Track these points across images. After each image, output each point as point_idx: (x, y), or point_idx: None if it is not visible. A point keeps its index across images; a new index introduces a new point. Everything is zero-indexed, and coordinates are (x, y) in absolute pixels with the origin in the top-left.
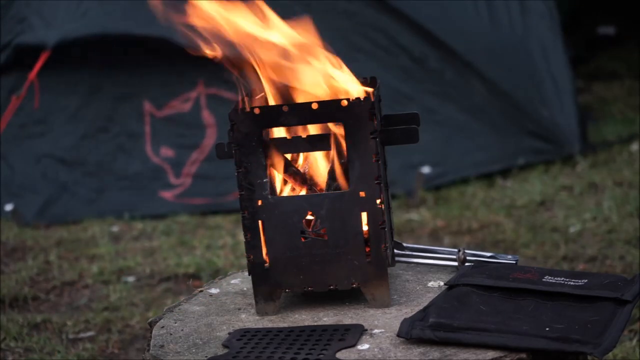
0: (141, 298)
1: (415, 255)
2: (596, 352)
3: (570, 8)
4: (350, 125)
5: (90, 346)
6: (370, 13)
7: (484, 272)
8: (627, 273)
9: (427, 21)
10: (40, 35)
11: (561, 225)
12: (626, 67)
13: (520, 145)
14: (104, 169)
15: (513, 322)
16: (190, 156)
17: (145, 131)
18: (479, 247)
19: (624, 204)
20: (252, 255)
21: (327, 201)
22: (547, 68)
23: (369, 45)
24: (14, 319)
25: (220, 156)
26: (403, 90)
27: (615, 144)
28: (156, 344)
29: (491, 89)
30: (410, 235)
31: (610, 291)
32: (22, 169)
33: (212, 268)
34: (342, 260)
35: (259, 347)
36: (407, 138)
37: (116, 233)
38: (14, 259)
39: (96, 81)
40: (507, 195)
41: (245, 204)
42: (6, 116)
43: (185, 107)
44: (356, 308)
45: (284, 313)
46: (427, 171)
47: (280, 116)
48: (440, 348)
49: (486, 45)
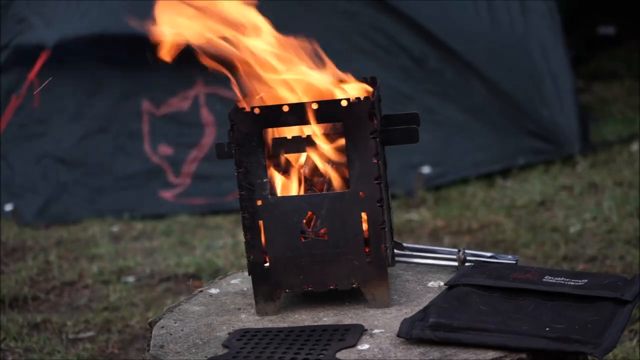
0: (141, 298)
1: (415, 255)
2: (596, 352)
3: (570, 8)
4: (350, 125)
5: (90, 346)
6: (370, 13)
7: (484, 272)
8: (627, 273)
9: (427, 21)
10: (40, 35)
11: (561, 225)
12: (626, 67)
13: (520, 145)
14: (104, 169)
15: (513, 322)
16: (189, 154)
17: (144, 130)
18: (479, 247)
19: (624, 204)
20: (252, 255)
21: (327, 201)
22: (547, 68)
23: (369, 45)
24: (14, 319)
25: (220, 156)
26: (403, 90)
27: (615, 144)
28: (156, 344)
29: (491, 89)
30: (410, 235)
31: (610, 291)
32: (22, 169)
33: (212, 268)
34: (342, 260)
35: (259, 347)
36: (407, 138)
37: (116, 233)
38: (14, 259)
39: (96, 81)
40: (507, 195)
41: (245, 204)
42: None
43: (184, 105)
44: (356, 308)
45: (284, 313)
46: (427, 171)
47: (280, 116)
48: (440, 348)
49: (486, 45)
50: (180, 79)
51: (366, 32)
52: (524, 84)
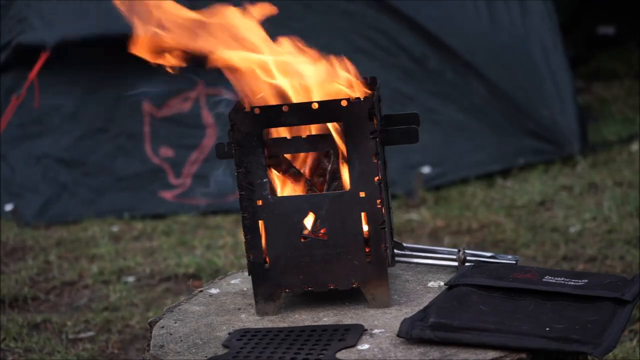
0: (141, 298)
1: (415, 255)
2: (596, 352)
3: (570, 8)
4: (350, 125)
5: (90, 346)
6: (371, 13)
7: (484, 272)
8: (627, 273)
9: (427, 21)
10: (40, 35)
11: (561, 225)
12: (626, 67)
13: (520, 145)
14: (104, 169)
15: (513, 322)
16: (190, 156)
17: (145, 131)
18: (479, 247)
19: (624, 204)
20: (252, 255)
21: (327, 201)
22: (547, 68)
23: (369, 46)
24: (14, 319)
25: (220, 156)
26: (403, 90)
27: (615, 144)
28: (156, 344)
29: (491, 89)
30: (410, 235)
31: (610, 291)
32: (22, 169)
33: (212, 268)
34: (342, 260)
35: (259, 347)
36: (407, 138)
37: (116, 233)
38: (14, 259)
39: (96, 81)
40: (507, 195)
41: (245, 204)
42: (6, 116)
43: (185, 106)
44: (356, 308)
45: (284, 313)
46: (427, 171)
47: (280, 116)
48: (440, 348)
49: (486, 45)
50: (181, 79)
51: (366, 32)
52: (524, 84)
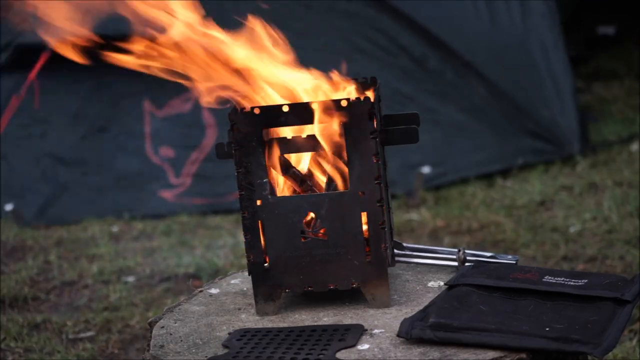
0: (141, 298)
1: (415, 255)
2: (596, 352)
3: (570, 7)
4: (350, 125)
5: (90, 346)
6: (371, 13)
7: (484, 272)
8: (627, 273)
9: (427, 21)
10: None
11: (561, 225)
12: (626, 67)
13: (520, 145)
14: (104, 169)
15: (513, 322)
16: (190, 156)
17: (145, 131)
18: (479, 247)
19: (624, 204)
20: (252, 255)
21: (327, 201)
22: (547, 68)
23: (369, 46)
24: (14, 319)
25: (220, 156)
26: (403, 90)
27: (615, 144)
28: (156, 344)
29: (491, 89)
30: (410, 235)
31: (610, 291)
32: (22, 169)
33: (212, 268)
34: (342, 260)
35: (259, 347)
36: (407, 138)
37: (116, 233)
38: (14, 259)
39: (96, 81)
40: (507, 195)
41: (245, 204)
42: (6, 116)
43: (186, 106)
44: (356, 308)
45: (284, 313)
46: (427, 171)
47: (280, 116)
48: (440, 348)
49: (486, 45)
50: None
51: (366, 32)
52: (524, 84)
